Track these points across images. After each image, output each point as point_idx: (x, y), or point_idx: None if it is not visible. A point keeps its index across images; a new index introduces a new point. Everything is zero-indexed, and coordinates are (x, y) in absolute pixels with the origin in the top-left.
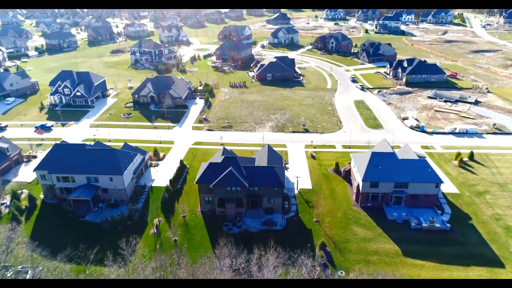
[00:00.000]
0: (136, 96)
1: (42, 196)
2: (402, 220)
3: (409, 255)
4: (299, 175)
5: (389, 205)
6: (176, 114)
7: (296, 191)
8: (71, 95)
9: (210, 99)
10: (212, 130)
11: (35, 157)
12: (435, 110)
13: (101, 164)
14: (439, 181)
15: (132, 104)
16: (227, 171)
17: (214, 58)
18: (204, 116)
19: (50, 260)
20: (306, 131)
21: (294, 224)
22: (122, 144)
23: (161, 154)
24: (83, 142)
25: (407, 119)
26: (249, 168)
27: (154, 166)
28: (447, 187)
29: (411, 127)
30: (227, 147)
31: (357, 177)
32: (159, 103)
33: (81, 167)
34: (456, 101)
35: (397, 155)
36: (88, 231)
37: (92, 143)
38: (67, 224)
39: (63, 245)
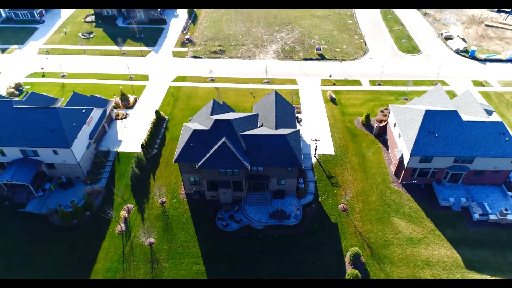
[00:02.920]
0: None
1: None
2: (459, 207)
3: (474, 267)
4: (318, 138)
5: (441, 183)
6: (151, 33)
7: (313, 159)
8: None
9: (195, 9)
10: (198, 57)
11: None
12: (486, 25)
13: (38, 131)
14: None
15: (93, 17)
16: (219, 144)
17: None
18: (187, 36)
19: None
20: (322, 57)
21: (312, 215)
22: (79, 82)
23: (131, 99)
24: (8, 97)
25: (451, 39)
26: (250, 137)
27: (121, 119)
28: None
29: (457, 52)
30: (218, 85)
31: (400, 143)
32: (129, 17)
33: (10, 136)
34: None
35: (460, 116)
36: (30, 230)
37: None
38: (2, 219)
39: None
